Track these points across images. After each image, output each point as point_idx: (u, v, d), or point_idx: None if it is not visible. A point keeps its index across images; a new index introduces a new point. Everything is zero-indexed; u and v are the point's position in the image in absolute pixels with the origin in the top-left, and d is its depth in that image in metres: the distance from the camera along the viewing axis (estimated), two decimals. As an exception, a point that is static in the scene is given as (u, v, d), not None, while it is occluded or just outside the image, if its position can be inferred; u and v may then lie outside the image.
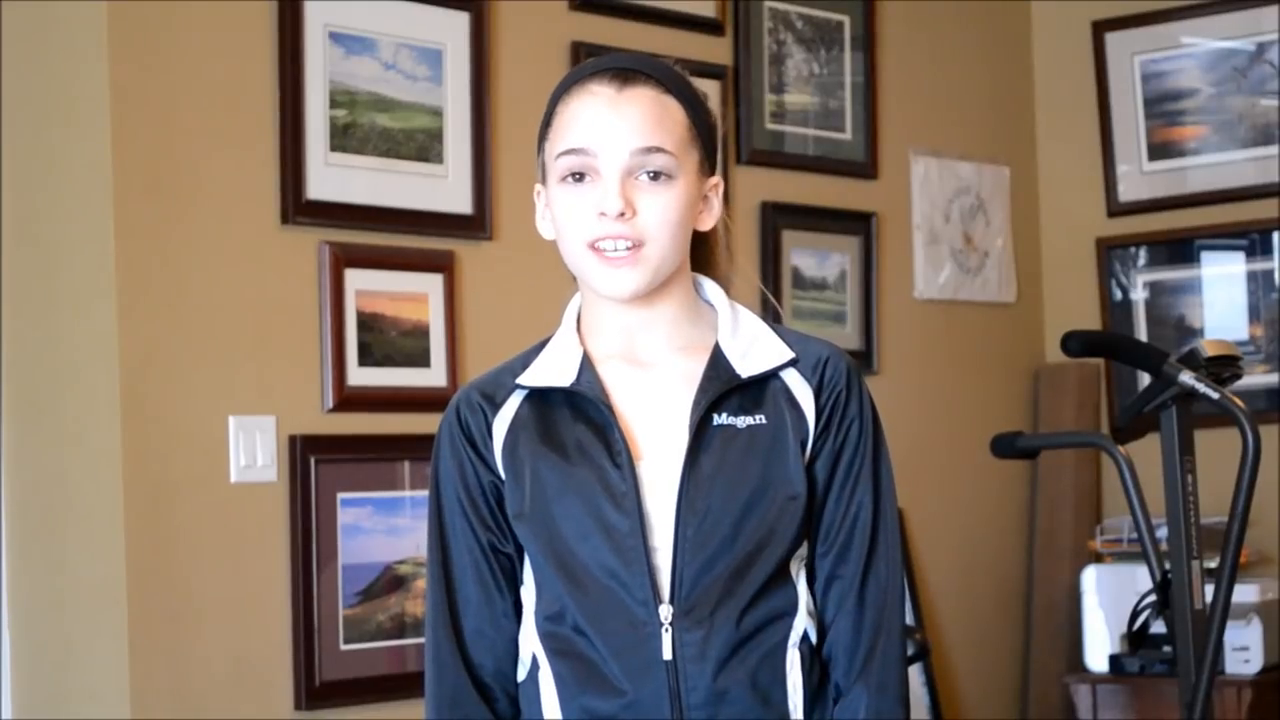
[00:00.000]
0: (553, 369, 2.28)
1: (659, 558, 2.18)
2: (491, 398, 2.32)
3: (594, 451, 2.22)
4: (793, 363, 2.24)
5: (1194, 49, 6.57)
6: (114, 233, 4.34)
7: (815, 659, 2.25)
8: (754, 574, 2.18)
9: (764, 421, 2.22)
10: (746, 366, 2.23)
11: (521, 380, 2.27)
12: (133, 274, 4.34)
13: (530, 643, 2.26)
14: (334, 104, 4.65)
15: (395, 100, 4.83)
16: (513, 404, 2.29)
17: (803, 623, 2.22)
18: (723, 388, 2.19)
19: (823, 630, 2.27)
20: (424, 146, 4.87)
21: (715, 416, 2.19)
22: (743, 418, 2.23)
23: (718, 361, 2.22)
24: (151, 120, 4.41)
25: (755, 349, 2.28)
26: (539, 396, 2.29)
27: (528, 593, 2.30)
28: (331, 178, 4.62)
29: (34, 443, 4.58)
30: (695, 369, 2.22)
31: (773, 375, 2.23)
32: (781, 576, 2.21)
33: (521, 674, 2.31)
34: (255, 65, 4.56)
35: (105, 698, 4.42)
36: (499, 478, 2.29)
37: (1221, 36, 6.51)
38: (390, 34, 4.83)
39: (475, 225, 4.95)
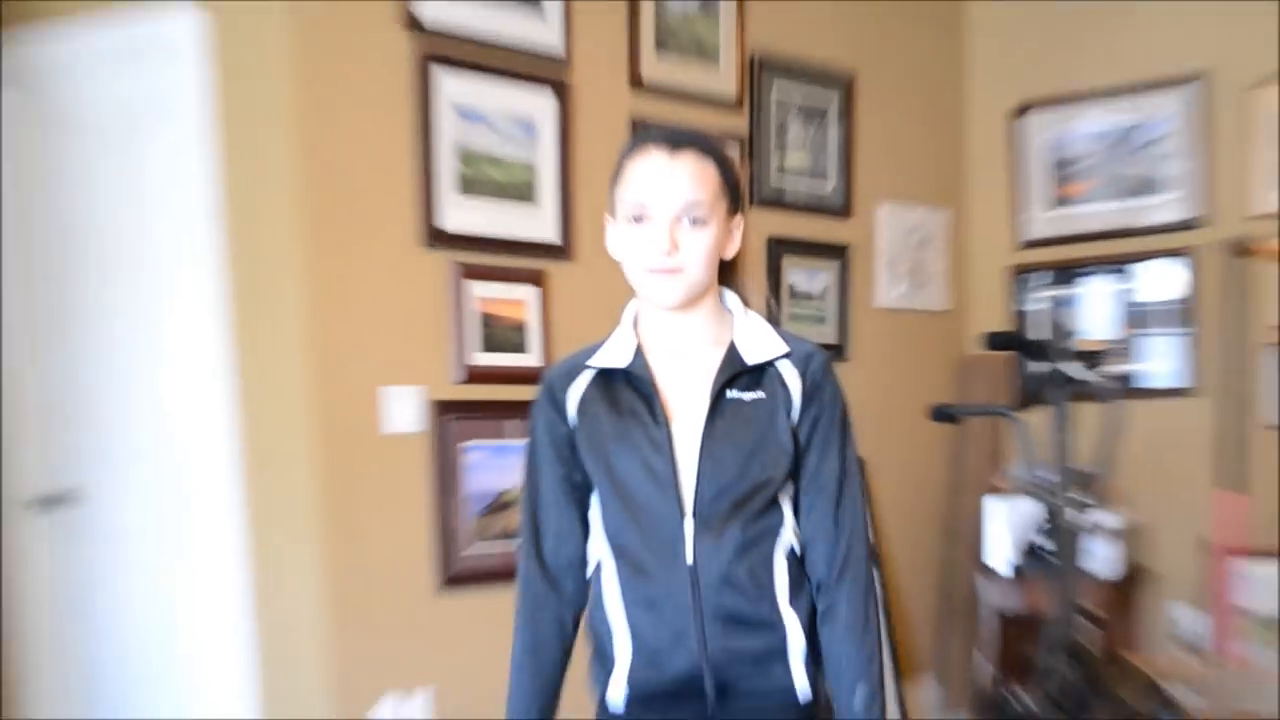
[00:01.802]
0: (614, 354, 2.70)
1: (684, 490, 2.60)
2: (570, 375, 2.74)
3: (641, 414, 2.65)
4: (786, 355, 2.67)
5: (1085, 127, 7.28)
6: (303, 254, 5.05)
7: (796, 563, 2.65)
8: (752, 504, 2.59)
9: (763, 397, 2.63)
10: (752, 356, 2.64)
11: (591, 363, 2.72)
12: (318, 285, 5.07)
13: (598, 549, 2.74)
14: (459, 160, 5.30)
15: (502, 158, 5.43)
16: (585, 379, 2.72)
17: (788, 538, 2.65)
18: (734, 371, 2.63)
19: (804, 545, 2.69)
20: (523, 192, 5.49)
21: (728, 392, 2.61)
22: (748, 393, 2.63)
23: (732, 353, 2.65)
24: (330, 170, 5.09)
25: (759, 344, 2.66)
26: (604, 374, 2.72)
27: (595, 514, 2.75)
28: (458, 215, 5.30)
29: (254, 406, 5.26)
30: (716, 357, 2.64)
31: (771, 364, 2.65)
32: (772, 505, 2.62)
33: (589, 571, 2.78)
34: (402, 131, 5.20)
35: (305, 580, 5.16)
36: (573, 430, 2.72)
37: (1105, 118, 7.21)
38: (499, 108, 5.43)
39: (560, 251, 5.59)
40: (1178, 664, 6.00)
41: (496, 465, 5.54)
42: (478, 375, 5.37)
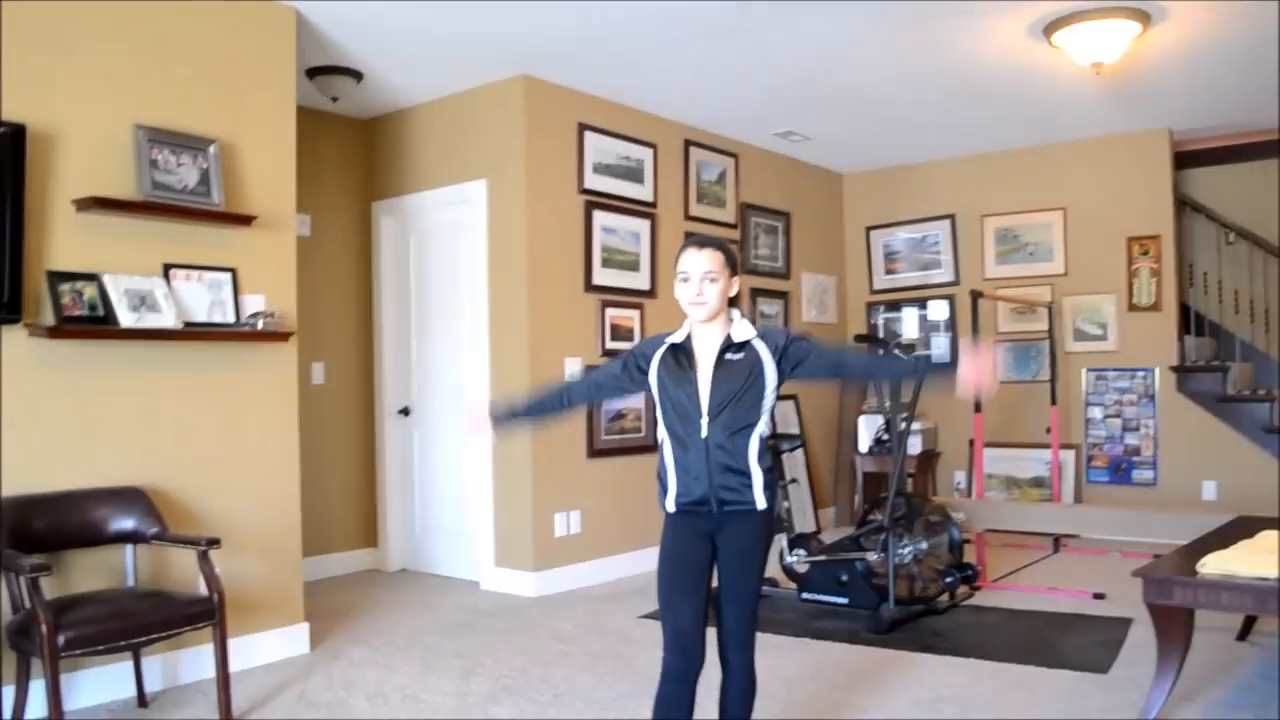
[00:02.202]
0: (677, 338, 2.62)
1: (702, 403, 2.53)
2: (656, 344, 2.66)
3: (685, 367, 2.58)
4: (760, 337, 2.57)
5: (900, 236, 7.64)
6: (527, 297, 5.42)
7: (762, 441, 2.54)
8: (737, 410, 2.52)
9: (743, 358, 2.54)
10: (737, 337, 2.57)
11: (668, 340, 2.63)
12: (534, 311, 5.43)
13: (661, 434, 2.62)
14: (602, 251, 5.78)
15: (623, 249, 5.91)
16: (663, 349, 2.63)
17: (760, 429, 2.55)
18: (727, 345, 2.57)
19: (818, 360, 2.56)
20: (633, 265, 5.96)
21: (725, 356, 2.56)
22: (735, 356, 2.55)
23: (728, 337, 2.57)
24: (542, 257, 5.42)
25: (742, 332, 2.58)
26: (671, 347, 2.62)
27: (660, 415, 2.61)
28: (601, 276, 5.76)
29: (500, 368, 5.48)
30: (721, 339, 2.58)
31: (748, 342, 2.56)
32: (752, 411, 2.54)
33: (658, 443, 2.66)
34: (577, 238, 5.62)
35: (522, 455, 5.38)
36: (645, 371, 2.64)
37: (909, 232, 7.60)
38: (623, 227, 5.90)
39: (649, 293, 6.03)
40: (956, 501, 5.96)
41: (618, 397, 5.59)
42: (608, 353, 5.75)
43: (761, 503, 2.56)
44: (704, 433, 2.53)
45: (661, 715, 2.52)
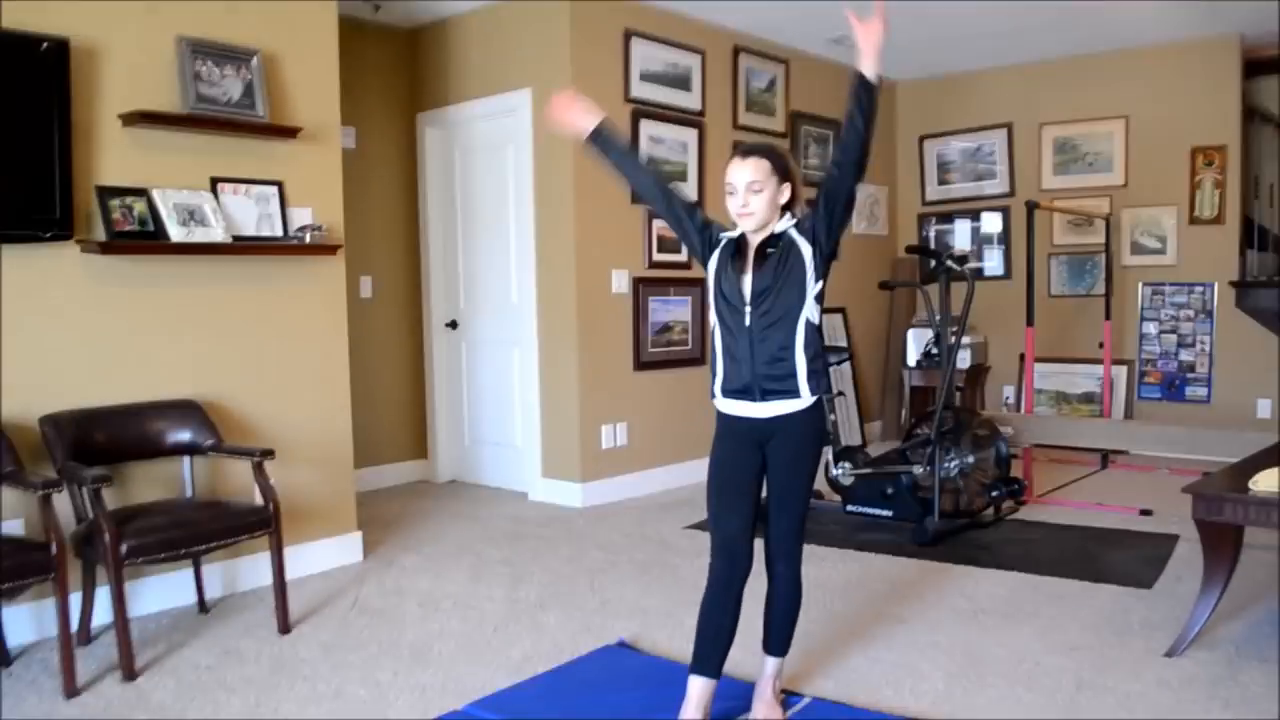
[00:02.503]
0: (731, 235, 2.58)
1: (745, 292, 2.51)
2: (723, 231, 2.61)
3: (736, 256, 2.57)
4: (793, 226, 2.52)
5: (956, 146, 7.52)
6: (574, 207, 5.38)
7: (810, 328, 2.51)
8: (782, 299, 2.49)
9: (781, 247, 2.50)
10: (778, 230, 2.51)
11: (727, 235, 2.60)
12: (580, 221, 5.39)
13: (712, 319, 2.64)
14: (650, 161, 4.77)
15: (669, 159, 5.79)
16: (727, 237, 2.60)
17: (806, 315, 2.50)
18: (768, 240, 2.54)
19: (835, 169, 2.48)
20: (681, 176, 5.82)
21: (765, 249, 2.54)
22: (772, 249, 2.52)
23: (770, 235, 2.52)
24: (587, 168, 5.20)
25: (782, 228, 2.52)
26: (730, 241, 2.59)
27: (711, 302, 2.62)
28: None
29: (548, 279, 5.52)
30: (765, 236, 2.54)
31: (785, 232, 2.52)
32: (798, 299, 2.49)
33: (710, 329, 2.67)
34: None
35: (569, 365, 5.44)
36: (709, 247, 2.61)
37: (963, 142, 7.49)
38: (670, 137, 5.80)
39: (697, 205, 5.13)
40: (1004, 415, 5.89)
41: (664, 309, 5.85)
42: (655, 265, 5.81)
43: (806, 392, 2.53)
44: (747, 321, 2.53)
45: (706, 620, 2.53)
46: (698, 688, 2.53)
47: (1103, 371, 6.71)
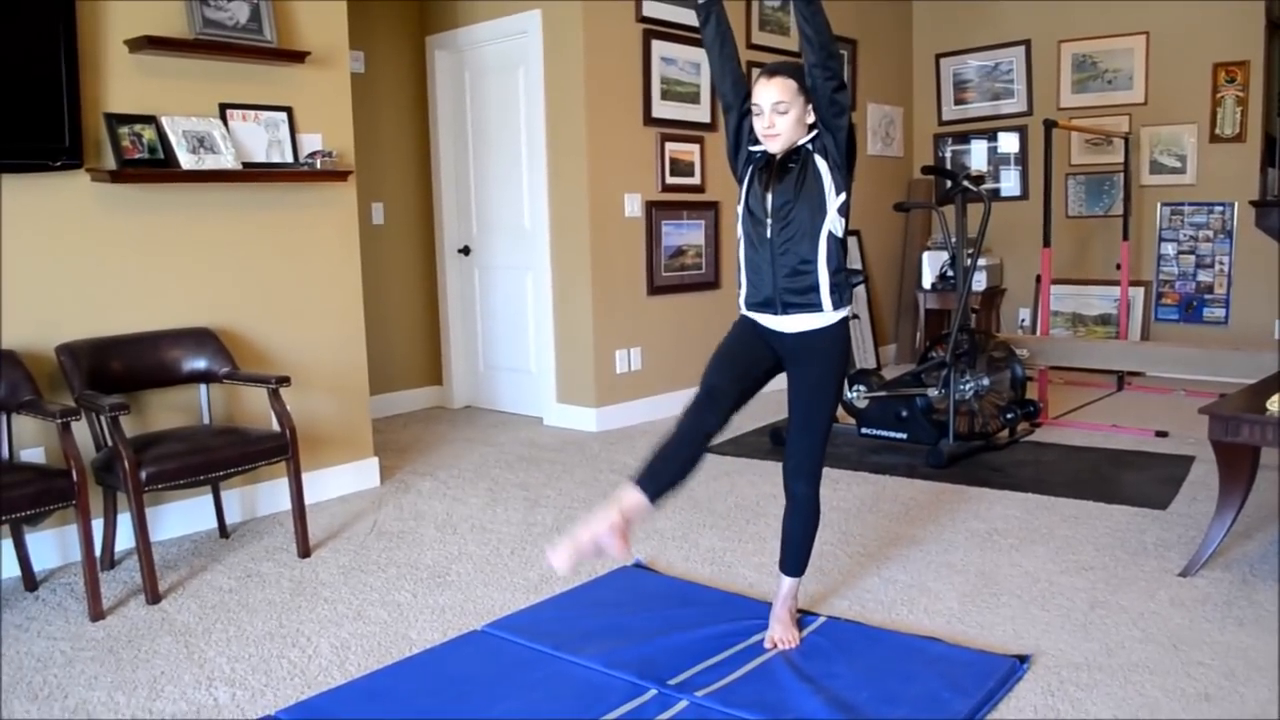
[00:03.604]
0: (759, 150, 2.54)
1: (768, 205, 2.52)
2: (754, 145, 2.56)
3: (764, 170, 2.55)
4: (809, 142, 2.49)
5: (973, 64, 7.41)
6: (586, 128, 5.34)
7: (834, 241, 2.50)
8: (802, 212, 2.48)
9: (799, 161, 2.48)
10: (794, 147, 2.48)
11: (754, 150, 2.57)
12: (593, 143, 5.37)
13: (739, 231, 2.63)
14: (661, 82, 5.62)
15: (682, 80, 5.77)
16: (753, 156, 2.57)
17: (829, 227, 2.49)
18: (786, 154, 2.51)
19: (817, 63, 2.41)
20: (693, 98, 5.83)
21: (786, 163, 2.52)
22: (792, 162, 2.49)
23: (790, 148, 2.49)
24: (600, 89, 5.33)
25: (802, 143, 2.50)
26: (758, 156, 2.56)
27: (739, 211, 2.60)
28: (661, 109, 5.64)
29: (560, 203, 5.48)
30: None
31: (803, 146, 2.50)
32: (818, 211, 2.48)
33: (738, 240, 2.65)
34: (635, 69, 5.49)
35: (582, 290, 5.45)
36: (740, 147, 2.60)
37: (980, 60, 7.40)
38: (681, 57, 5.71)
39: (709, 126, 5.89)
40: (1019, 338, 5.81)
41: (677, 233, 5.84)
42: (668, 189, 5.75)
43: (829, 305, 2.53)
44: (769, 234, 2.54)
45: (660, 452, 2.52)
46: (632, 497, 2.48)
47: (1119, 293, 6.65)
